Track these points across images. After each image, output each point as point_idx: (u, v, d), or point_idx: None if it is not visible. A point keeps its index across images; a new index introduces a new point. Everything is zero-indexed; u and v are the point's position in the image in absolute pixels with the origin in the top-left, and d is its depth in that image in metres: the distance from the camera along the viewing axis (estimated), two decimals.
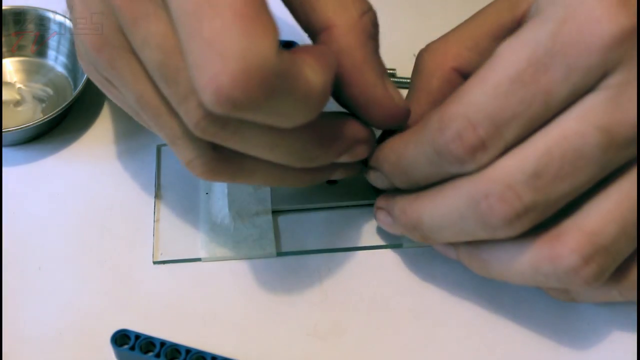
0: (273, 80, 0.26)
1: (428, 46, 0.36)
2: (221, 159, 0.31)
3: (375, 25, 0.33)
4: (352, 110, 0.33)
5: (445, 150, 0.30)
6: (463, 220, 0.30)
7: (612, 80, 0.28)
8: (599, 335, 0.35)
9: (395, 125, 0.34)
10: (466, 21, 0.35)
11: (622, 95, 0.28)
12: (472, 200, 0.30)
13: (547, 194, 0.29)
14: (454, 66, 0.34)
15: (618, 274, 0.31)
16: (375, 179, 0.35)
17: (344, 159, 0.33)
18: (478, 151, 0.29)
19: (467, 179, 0.30)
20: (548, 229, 0.30)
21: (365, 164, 0.36)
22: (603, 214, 0.29)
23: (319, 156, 0.32)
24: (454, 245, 0.34)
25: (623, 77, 0.28)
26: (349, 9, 0.32)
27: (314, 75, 0.28)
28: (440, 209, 0.31)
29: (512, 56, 0.29)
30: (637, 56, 0.28)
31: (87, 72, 0.34)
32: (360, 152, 0.34)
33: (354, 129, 0.33)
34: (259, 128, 0.29)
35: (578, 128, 0.28)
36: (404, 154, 0.33)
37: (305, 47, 0.31)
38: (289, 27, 0.39)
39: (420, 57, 0.36)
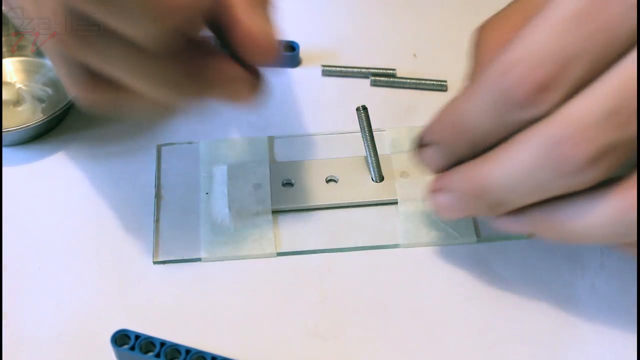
0: None
1: (487, 21, 0.34)
2: (95, 80, 0.30)
3: None
4: (219, 37, 0.32)
5: (511, 94, 0.28)
6: (537, 172, 0.29)
7: None
8: (599, 334, 0.35)
9: (264, 61, 0.31)
10: None
11: None
12: (546, 147, 0.28)
13: (627, 132, 0.27)
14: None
15: None
16: (431, 156, 0.33)
17: (221, 96, 0.32)
18: (545, 91, 0.28)
19: (537, 126, 0.29)
20: (628, 176, 0.29)
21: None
22: None
23: (188, 87, 0.30)
24: (525, 213, 0.32)
25: None
26: None
27: None
28: (511, 165, 0.30)
29: None
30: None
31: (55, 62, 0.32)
32: (238, 91, 0.32)
33: (227, 64, 0.31)
34: (119, 43, 0.28)
35: None
36: (466, 109, 0.31)
37: None
38: (290, 27, 0.39)
39: (478, 33, 0.34)
